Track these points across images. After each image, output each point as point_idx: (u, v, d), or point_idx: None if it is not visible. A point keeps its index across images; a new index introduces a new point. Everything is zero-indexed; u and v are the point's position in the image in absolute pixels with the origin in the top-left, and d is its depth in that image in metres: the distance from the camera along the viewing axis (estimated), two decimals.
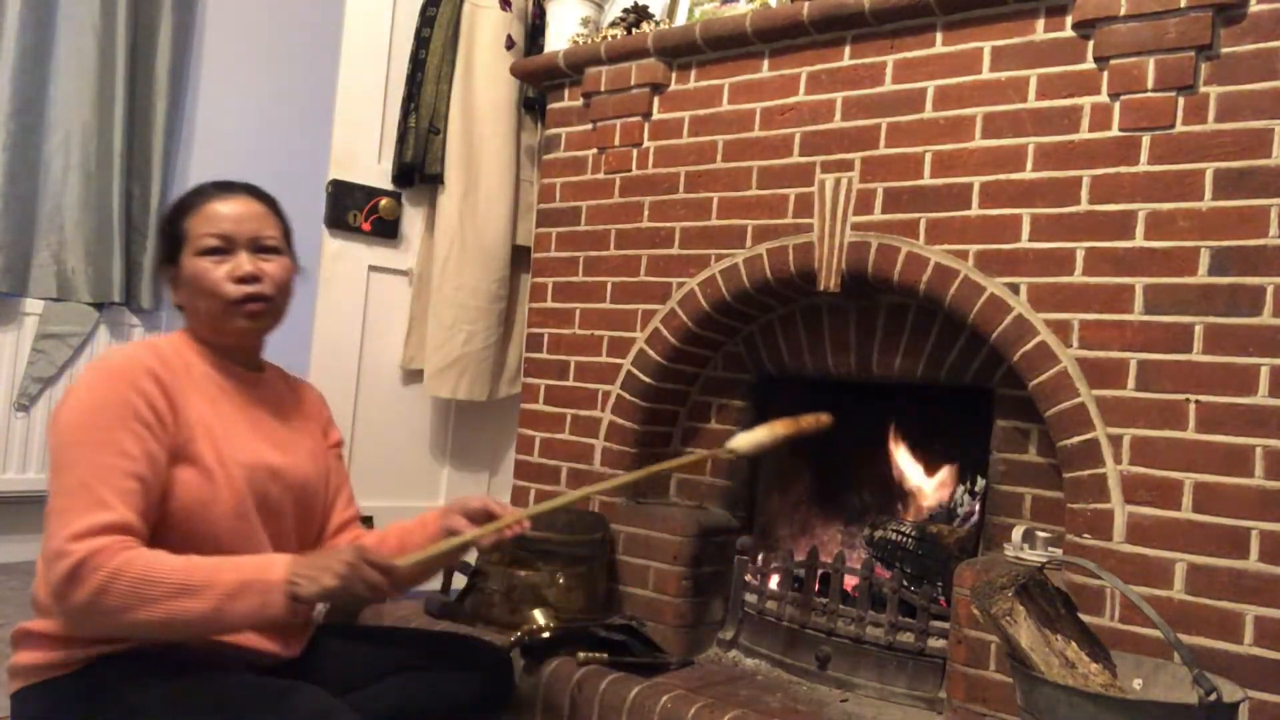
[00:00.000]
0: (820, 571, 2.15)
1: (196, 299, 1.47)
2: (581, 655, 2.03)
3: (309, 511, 1.55)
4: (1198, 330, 1.65)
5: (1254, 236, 1.62)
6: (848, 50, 2.10)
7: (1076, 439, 1.75)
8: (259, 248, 1.48)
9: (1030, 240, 1.84)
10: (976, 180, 1.91)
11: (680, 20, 2.51)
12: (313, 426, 1.64)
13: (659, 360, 2.34)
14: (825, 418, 1.67)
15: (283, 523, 1.49)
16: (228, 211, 1.48)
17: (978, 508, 2.12)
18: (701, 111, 2.33)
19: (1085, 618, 1.51)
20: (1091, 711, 1.28)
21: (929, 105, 1.98)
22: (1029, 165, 1.85)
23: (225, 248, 1.45)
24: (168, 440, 1.34)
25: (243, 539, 1.40)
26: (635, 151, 2.44)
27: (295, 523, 1.53)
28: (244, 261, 1.46)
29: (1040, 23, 1.86)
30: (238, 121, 2.95)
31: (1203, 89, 1.68)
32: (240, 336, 1.51)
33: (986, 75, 1.91)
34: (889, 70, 2.04)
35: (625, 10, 2.60)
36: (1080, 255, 1.78)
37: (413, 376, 2.95)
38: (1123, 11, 1.74)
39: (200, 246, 1.45)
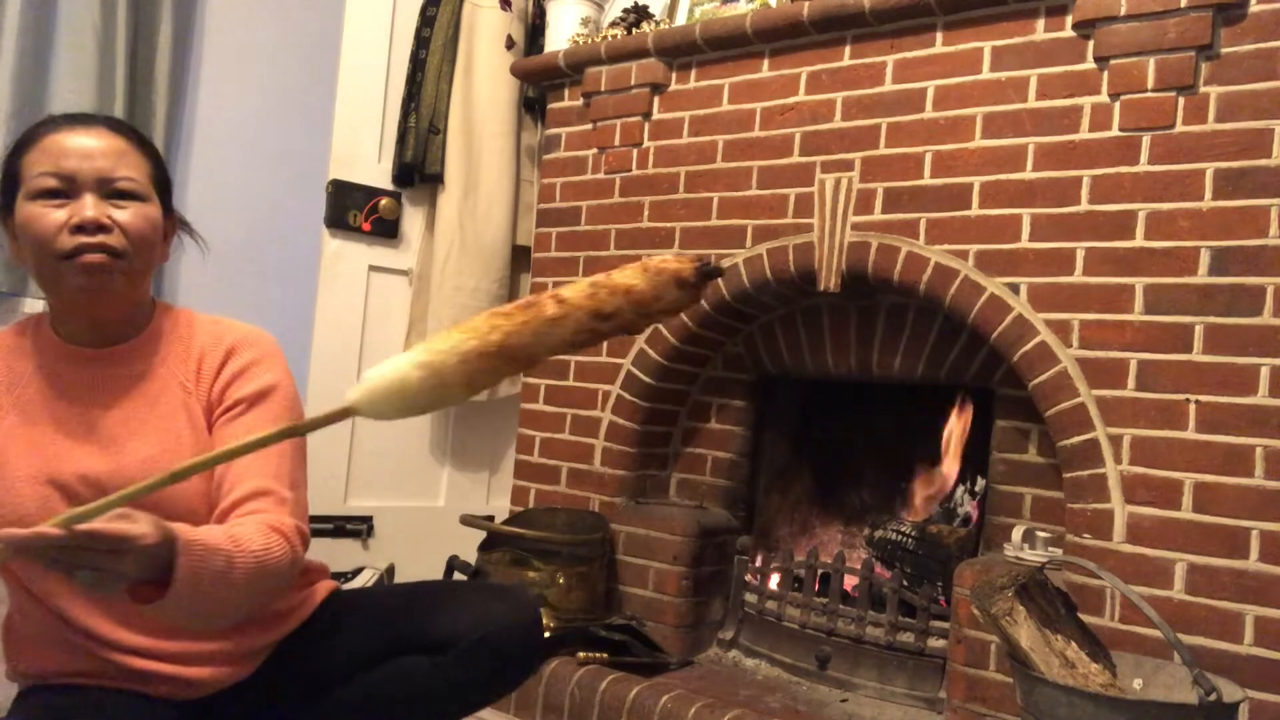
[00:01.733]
0: (820, 571, 2.15)
1: (30, 255, 1.19)
2: (581, 655, 2.03)
3: (174, 513, 1.10)
4: (1198, 330, 1.65)
5: (1254, 236, 1.62)
6: (848, 50, 2.10)
7: (1076, 439, 1.75)
8: (112, 191, 1.19)
9: (1030, 240, 1.84)
10: (976, 180, 1.91)
11: (680, 20, 2.51)
12: (187, 398, 1.27)
13: (659, 360, 2.33)
14: (681, 265, 0.88)
15: None
16: (74, 145, 1.19)
17: (977, 508, 2.12)
18: (701, 111, 2.33)
19: (1085, 618, 1.51)
20: (1091, 711, 1.28)
21: (929, 105, 1.98)
22: (1029, 165, 1.85)
23: (65, 189, 1.17)
24: None
25: None
26: (635, 151, 2.44)
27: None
28: (86, 205, 1.17)
29: (1040, 23, 1.86)
30: (238, 122, 2.95)
31: (1203, 89, 1.68)
32: (77, 302, 1.21)
33: (986, 75, 1.91)
34: (889, 70, 2.04)
35: (625, 10, 2.60)
36: (1080, 255, 1.78)
37: None
38: (1123, 11, 1.74)
39: (35, 187, 1.17)
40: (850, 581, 2.11)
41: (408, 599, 1.42)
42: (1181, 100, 1.70)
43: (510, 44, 2.95)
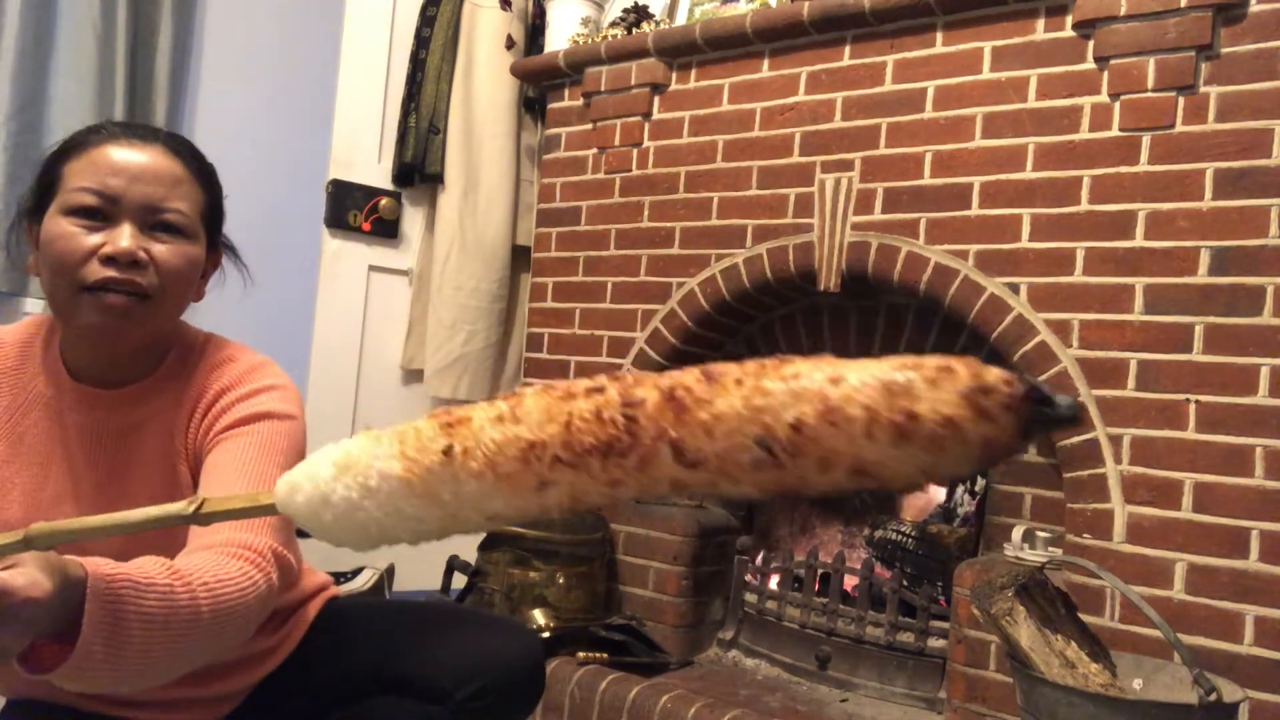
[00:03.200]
0: (820, 571, 2.15)
1: (46, 274, 1.05)
2: (581, 655, 2.03)
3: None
4: (1198, 330, 1.65)
5: (1254, 236, 1.62)
6: (848, 50, 2.10)
7: (1076, 439, 1.74)
8: (156, 223, 1.06)
9: (1030, 240, 1.84)
10: (976, 180, 1.91)
11: (680, 20, 2.51)
12: (176, 461, 1.13)
13: (660, 360, 2.33)
14: (998, 424, 0.46)
15: None
16: (124, 162, 1.05)
17: (977, 508, 2.12)
18: (701, 111, 2.33)
19: (1085, 618, 1.51)
20: (1091, 711, 1.28)
21: (929, 105, 1.98)
22: (1029, 165, 1.85)
23: (104, 210, 1.03)
24: None
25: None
26: (635, 151, 2.44)
27: None
28: (123, 235, 1.03)
29: (1040, 23, 1.86)
30: (238, 122, 2.95)
31: (1203, 89, 1.68)
32: (86, 337, 1.08)
33: (986, 75, 1.91)
34: (889, 70, 2.04)
35: (625, 10, 2.60)
36: (1080, 255, 1.78)
37: (413, 376, 2.95)
38: (1123, 11, 1.74)
39: (70, 202, 1.03)
40: (850, 581, 2.11)
41: (403, 629, 1.28)
42: (1181, 100, 1.70)
43: (510, 44, 2.95)
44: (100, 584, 0.75)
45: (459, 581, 2.38)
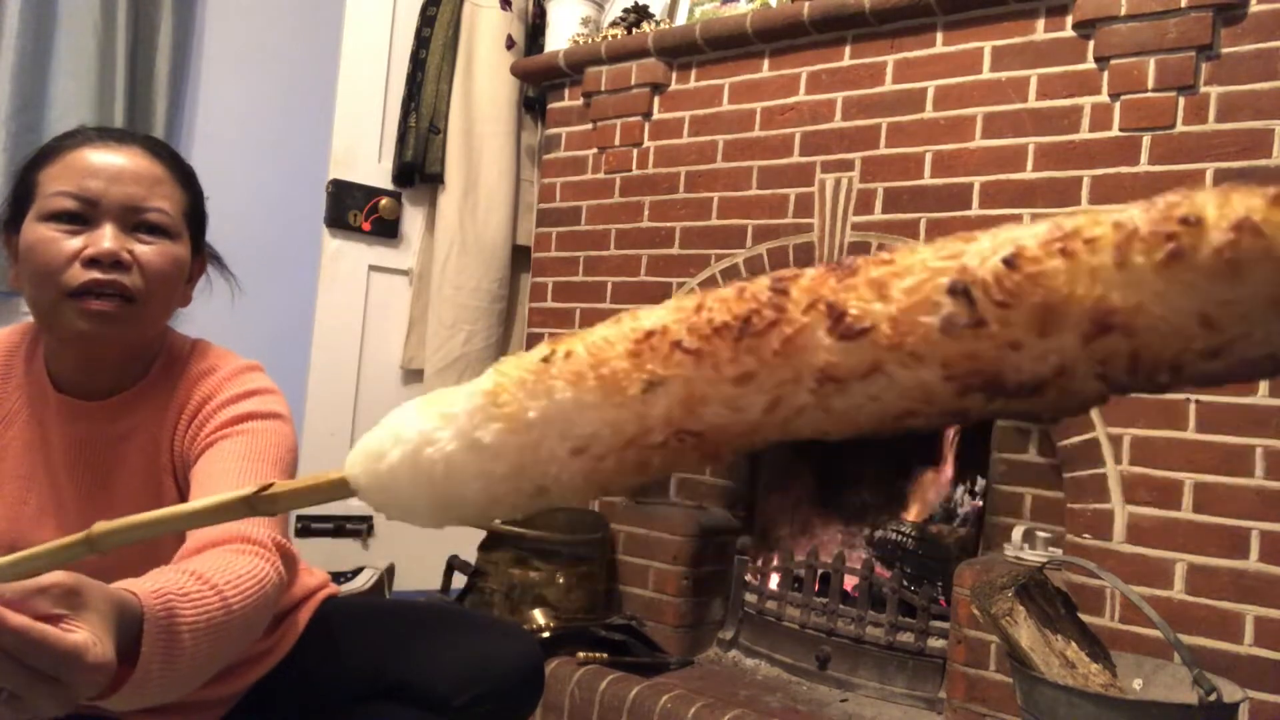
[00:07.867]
0: (820, 571, 2.15)
1: (28, 284, 1.03)
2: (581, 655, 2.03)
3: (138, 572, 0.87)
4: None
5: None
6: (848, 50, 2.10)
7: (1076, 439, 1.74)
8: (138, 223, 1.04)
9: None
10: (976, 180, 1.91)
11: (680, 20, 2.51)
12: (163, 475, 1.11)
13: None
14: None
15: None
16: (102, 164, 1.03)
17: (978, 508, 2.12)
18: (702, 111, 2.33)
19: (1085, 618, 1.51)
20: (1091, 711, 1.28)
21: (929, 105, 1.98)
22: (1029, 165, 1.85)
23: (84, 213, 1.01)
24: None
25: None
26: (635, 151, 2.44)
27: None
28: (105, 236, 1.00)
29: (1040, 23, 1.86)
30: (238, 122, 2.95)
31: (1203, 89, 1.68)
32: (71, 346, 1.06)
33: (987, 75, 1.91)
34: (889, 70, 2.04)
35: (625, 10, 2.60)
36: None
37: (413, 376, 2.95)
38: (1123, 11, 1.74)
39: (49, 207, 1.01)
40: (850, 581, 2.11)
41: (400, 634, 1.25)
42: (1181, 100, 1.70)
43: (510, 44, 2.95)
44: (155, 609, 0.74)
45: (459, 581, 2.38)
